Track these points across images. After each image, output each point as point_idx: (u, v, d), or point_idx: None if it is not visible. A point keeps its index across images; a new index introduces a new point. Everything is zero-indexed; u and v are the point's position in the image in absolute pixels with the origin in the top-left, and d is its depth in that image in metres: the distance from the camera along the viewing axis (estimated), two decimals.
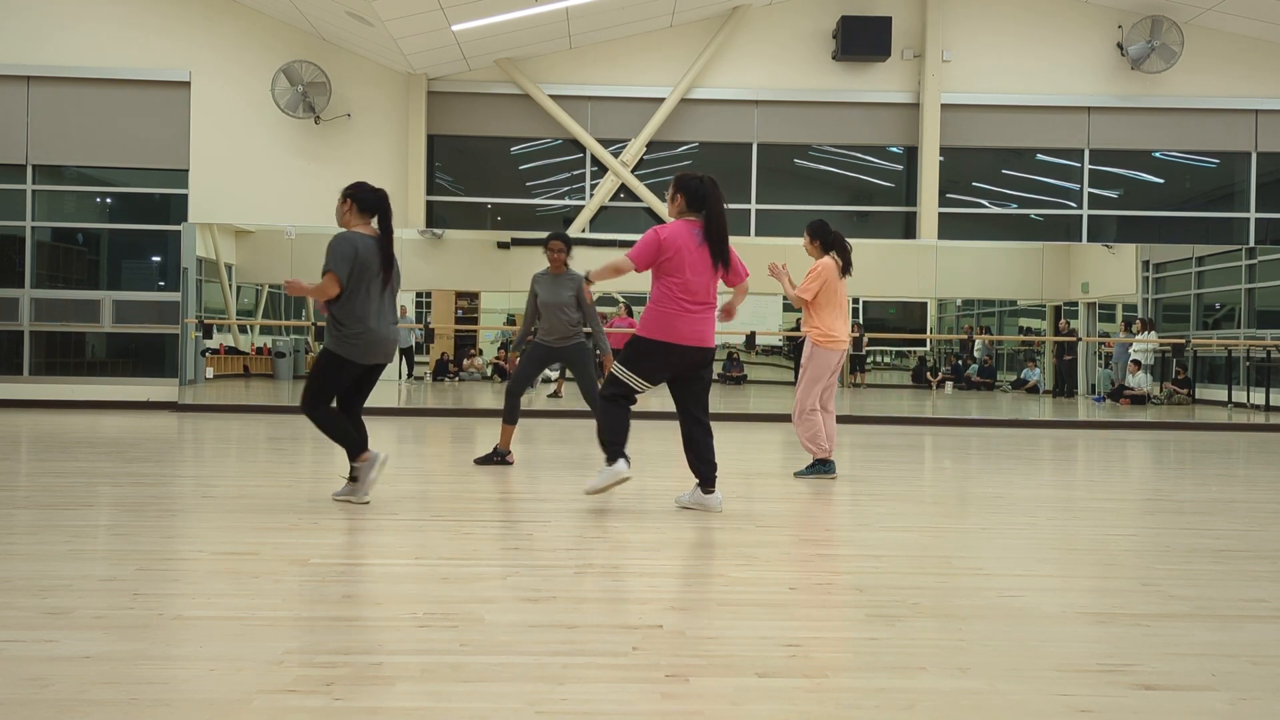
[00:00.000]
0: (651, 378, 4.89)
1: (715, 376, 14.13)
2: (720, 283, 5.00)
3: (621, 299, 13.81)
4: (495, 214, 12.68)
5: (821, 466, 6.14)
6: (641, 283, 5.22)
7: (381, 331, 4.90)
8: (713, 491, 4.93)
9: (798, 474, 6.22)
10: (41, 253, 12.17)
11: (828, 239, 6.22)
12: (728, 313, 5.16)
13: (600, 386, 5.77)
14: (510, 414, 6.49)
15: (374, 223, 5.00)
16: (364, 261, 4.82)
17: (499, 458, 6.52)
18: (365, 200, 4.96)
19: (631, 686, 2.45)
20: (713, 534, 4.43)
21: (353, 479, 4.97)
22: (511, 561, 3.81)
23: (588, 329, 6.62)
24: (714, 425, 5.04)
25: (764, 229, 12.42)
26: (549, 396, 12.57)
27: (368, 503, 4.91)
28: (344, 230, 4.94)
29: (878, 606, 3.23)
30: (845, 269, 6.14)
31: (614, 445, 4.83)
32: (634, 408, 4.97)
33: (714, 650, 2.74)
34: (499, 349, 15.02)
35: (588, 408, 5.62)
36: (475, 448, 7.66)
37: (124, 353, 12.26)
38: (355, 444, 4.94)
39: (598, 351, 6.64)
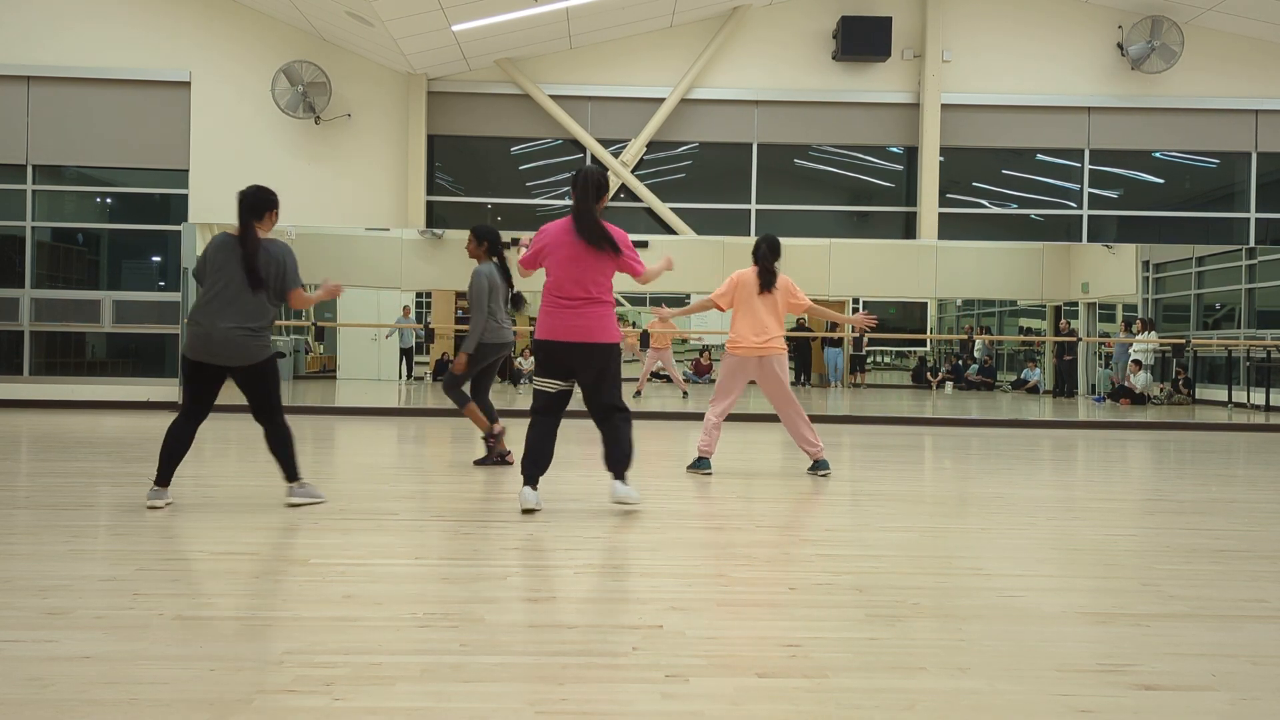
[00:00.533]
0: (550, 376, 4.85)
1: (715, 378, 14.15)
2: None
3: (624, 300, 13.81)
4: (495, 214, 12.68)
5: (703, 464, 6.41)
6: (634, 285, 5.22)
7: (205, 328, 4.68)
8: (622, 482, 4.84)
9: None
10: (42, 253, 12.17)
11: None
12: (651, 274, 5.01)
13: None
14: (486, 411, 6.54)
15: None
16: (211, 259, 4.80)
17: (498, 458, 6.53)
18: (241, 202, 4.88)
19: (631, 687, 2.45)
20: (713, 534, 4.43)
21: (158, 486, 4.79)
22: (511, 562, 3.81)
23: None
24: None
25: (764, 229, 12.41)
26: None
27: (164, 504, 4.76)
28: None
29: (878, 607, 3.23)
30: (764, 285, 6.18)
31: (524, 467, 4.80)
32: (632, 409, 4.96)
33: (714, 650, 2.74)
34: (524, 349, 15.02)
35: (580, 408, 5.60)
36: (475, 448, 7.66)
37: (124, 353, 12.26)
38: (164, 467, 4.75)
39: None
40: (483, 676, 2.50)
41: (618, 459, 4.84)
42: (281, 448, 4.89)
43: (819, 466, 6.28)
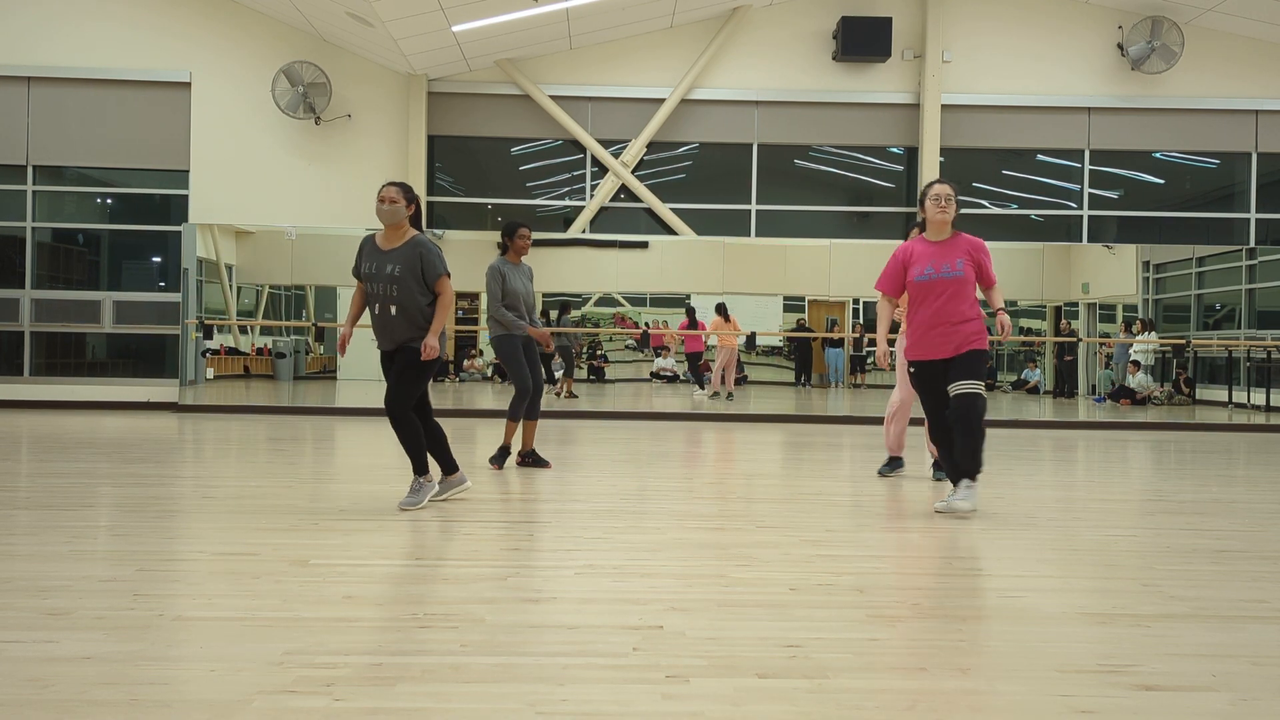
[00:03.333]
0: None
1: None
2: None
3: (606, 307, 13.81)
4: (495, 214, 12.68)
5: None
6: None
7: None
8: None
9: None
10: (42, 253, 12.17)
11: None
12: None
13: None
14: (530, 411, 6.49)
15: None
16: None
17: (531, 459, 6.52)
18: None
19: (632, 687, 2.45)
20: (713, 534, 4.43)
21: None
22: (512, 562, 3.81)
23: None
24: (714, 426, 5.03)
25: (764, 229, 12.42)
26: (555, 396, 12.57)
27: None
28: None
29: (878, 607, 3.23)
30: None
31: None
32: (628, 409, 4.96)
33: (714, 651, 2.74)
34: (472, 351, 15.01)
35: (581, 408, 5.59)
36: (476, 448, 7.66)
37: (124, 353, 12.26)
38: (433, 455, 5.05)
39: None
40: (483, 677, 2.50)
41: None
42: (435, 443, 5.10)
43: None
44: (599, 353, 14.66)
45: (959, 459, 4.95)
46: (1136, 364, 13.26)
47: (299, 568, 3.64)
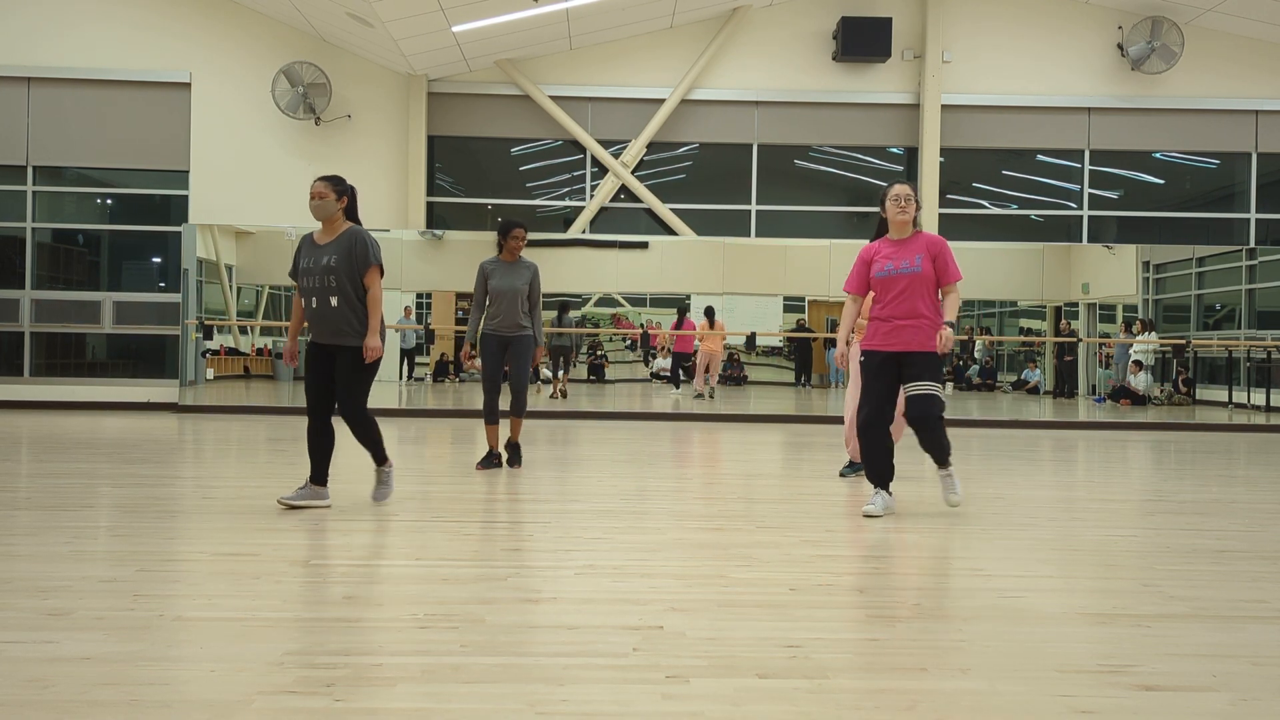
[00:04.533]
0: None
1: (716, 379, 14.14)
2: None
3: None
4: (495, 215, 12.68)
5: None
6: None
7: None
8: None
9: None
10: (42, 254, 12.17)
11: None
12: None
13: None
14: (490, 414, 6.47)
15: None
16: None
17: (496, 460, 6.52)
18: None
19: (632, 688, 2.45)
20: (713, 535, 4.43)
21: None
22: (512, 562, 3.81)
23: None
24: (714, 426, 5.03)
25: (764, 230, 12.42)
26: (549, 397, 12.58)
27: None
28: None
29: (878, 607, 3.23)
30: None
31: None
32: (628, 409, 4.96)
33: (714, 651, 2.74)
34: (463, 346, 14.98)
35: (581, 408, 5.60)
36: (477, 449, 7.67)
37: (124, 354, 12.26)
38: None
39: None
40: (483, 677, 2.51)
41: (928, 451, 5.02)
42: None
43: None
44: (599, 353, 14.67)
45: (927, 451, 5.00)
46: (1139, 364, 13.25)
47: (299, 568, 3.64)
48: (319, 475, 4.96)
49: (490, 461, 6.50)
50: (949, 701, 2.40)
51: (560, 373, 12.84)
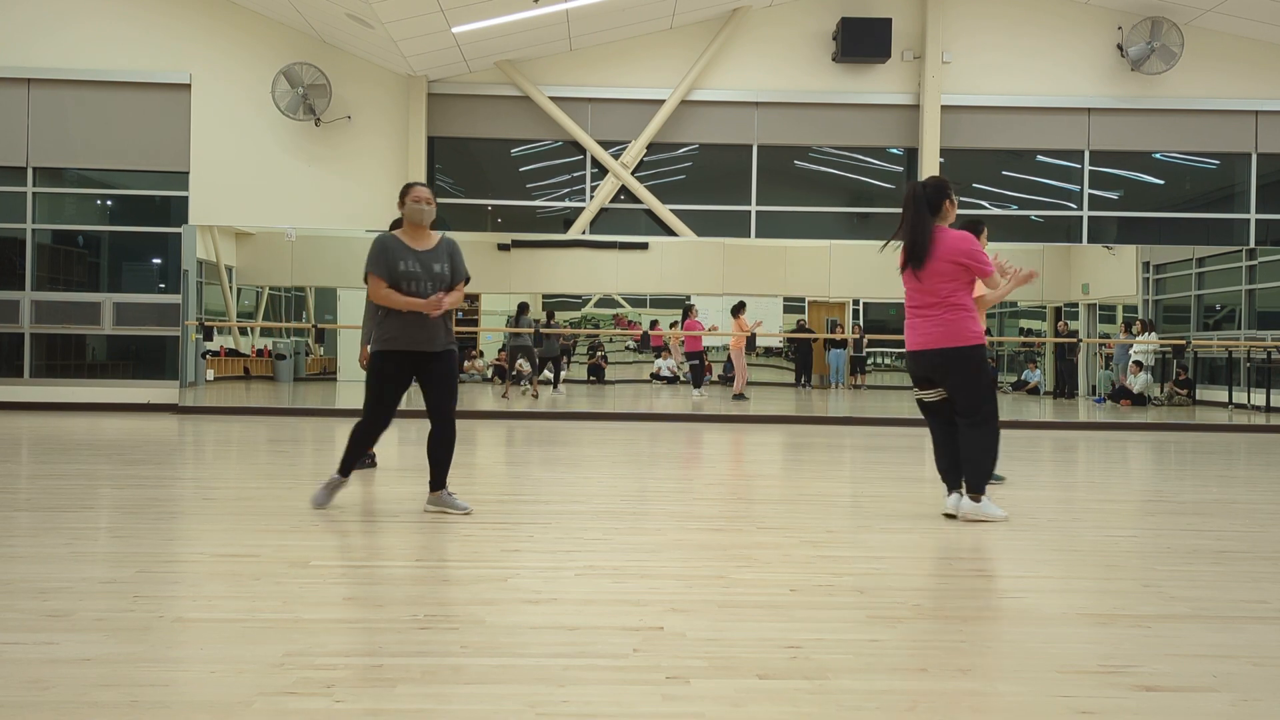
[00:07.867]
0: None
1: (716, 378, 14.15)
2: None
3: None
4: (495, 216, 12.68)
5: None
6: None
7: None
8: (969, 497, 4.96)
9: None
10: (42, 255, 12.17)
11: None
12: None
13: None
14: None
15: None
16: None
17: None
18: None
19: (632, 688, 2.45)
20: (713, 535, 4.43)
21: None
22: (512, 563, 3.81)
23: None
24: (715, 426, 5.03)
25: (764, 230, 12.42)
26: (501, 396, 12.57)
27: None
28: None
29: (878, 608, 3.23)
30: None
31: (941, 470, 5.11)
32: (628, 409, 4.96)
33: (715, 652, 2.74)
34: (499, 351, 14.99)
35: (582, 409, 5.61)
36: (477, 449, 7.67)
37: (124, 355, 12.27)
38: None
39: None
40: (484, 678, 2.50)
41: (964, 467, 4.97)
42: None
43: None
44: (599, 353, 14.67)
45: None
46: (1138, 364, 13.25)
47: (299, 569, 3.64)
48: (348, 468, 5.00)
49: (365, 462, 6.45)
50: (949, 702, 2.39)
51: (519, 375, 12.74)
